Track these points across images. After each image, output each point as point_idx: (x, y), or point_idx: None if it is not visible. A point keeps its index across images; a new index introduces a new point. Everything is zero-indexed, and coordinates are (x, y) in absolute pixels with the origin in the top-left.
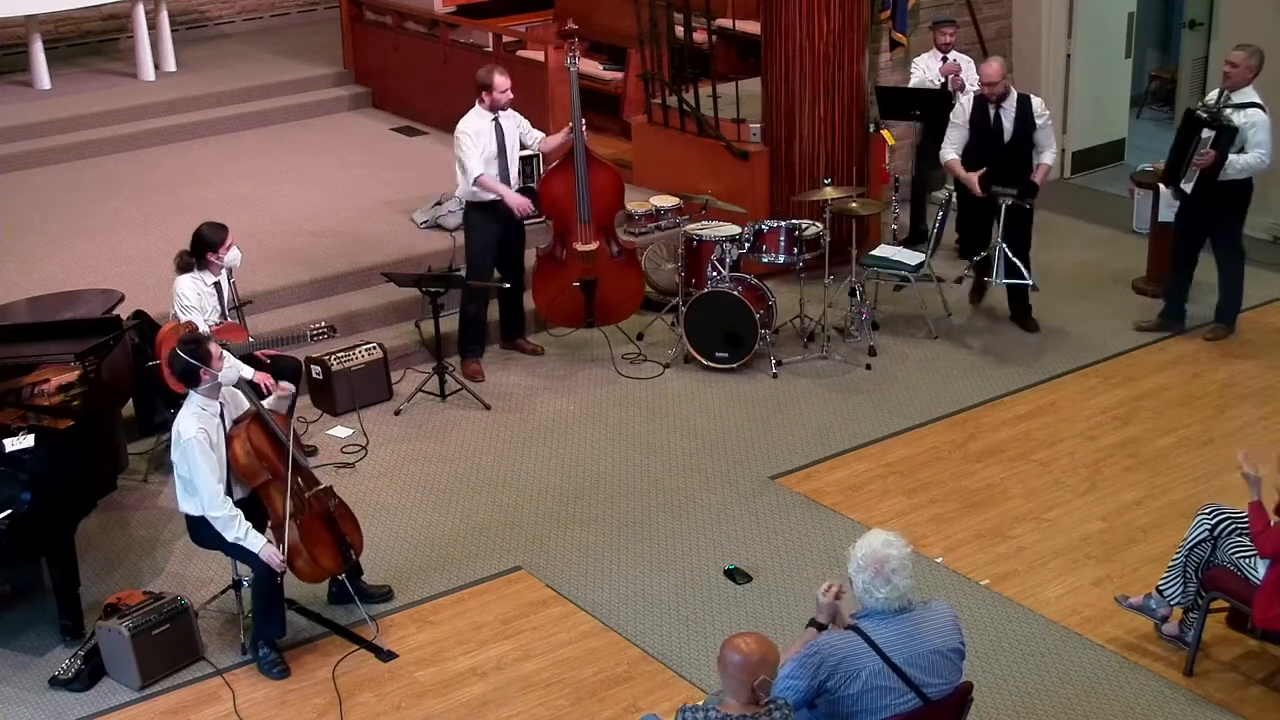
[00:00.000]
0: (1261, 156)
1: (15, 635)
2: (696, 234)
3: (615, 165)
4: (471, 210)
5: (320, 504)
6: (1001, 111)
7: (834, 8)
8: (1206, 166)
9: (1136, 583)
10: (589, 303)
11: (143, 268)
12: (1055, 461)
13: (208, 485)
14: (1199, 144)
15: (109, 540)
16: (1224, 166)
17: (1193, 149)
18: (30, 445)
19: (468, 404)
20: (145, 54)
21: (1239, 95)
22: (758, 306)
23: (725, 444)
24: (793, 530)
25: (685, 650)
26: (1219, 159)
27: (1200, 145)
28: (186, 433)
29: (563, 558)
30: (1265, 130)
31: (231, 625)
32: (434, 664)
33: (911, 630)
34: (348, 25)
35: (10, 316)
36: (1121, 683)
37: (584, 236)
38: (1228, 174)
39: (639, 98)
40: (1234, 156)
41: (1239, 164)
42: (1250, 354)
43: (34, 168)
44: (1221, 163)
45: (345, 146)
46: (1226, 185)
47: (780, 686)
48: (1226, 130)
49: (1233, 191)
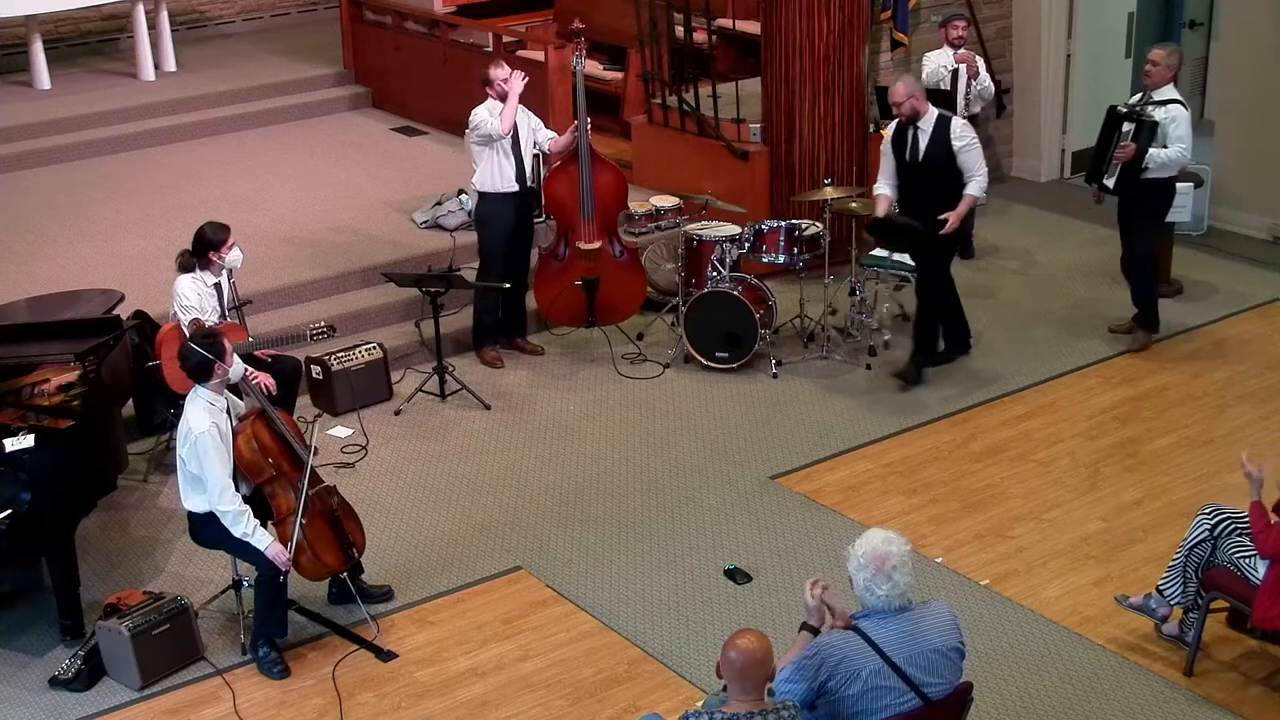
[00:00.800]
0: (1183, 151)
1: (15, 635)
2: (696, 234)
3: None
4: (485, 203)
5: (323, 502)
6: (918, 133)
7: (834, 8)
8: (1127, 159)
9: (1136, 583)
10: (590, 302)
11: (143, 268)
12: (1055, 461)
13: (218, 479)
14: (1119, 138)
15: (109, 540)
16: (1145, 160)
17: (1114, 144)
18: (30, 445)
19: (468, 404)
20: (145, 54)
21: (1160, 94)
22: (758, 306)
23: (725, 444)
24: (793, 530)
25: (685, 650)
26: (1139, 152)
27: (1120, 139)
28: (199, 426)
29: (563, 558)
30: (1185, 125)
31: (231, 625)
32: (434, 664)
33: (911, 630)
34: (348, 25)
35: (10, 316)
36: (1121, 683)
37: (587, 235)
38: (1150, 170)
39: (639, 98)
40: (1155, 150)
41: (1160, 158)
42: (1250, 354)
43: (34, 168)
44: (1142, 156)
45: (345, 146)
46: (1149, 184)
47: (780, 690)
48: (1146, 124)
49: (1155, 190)
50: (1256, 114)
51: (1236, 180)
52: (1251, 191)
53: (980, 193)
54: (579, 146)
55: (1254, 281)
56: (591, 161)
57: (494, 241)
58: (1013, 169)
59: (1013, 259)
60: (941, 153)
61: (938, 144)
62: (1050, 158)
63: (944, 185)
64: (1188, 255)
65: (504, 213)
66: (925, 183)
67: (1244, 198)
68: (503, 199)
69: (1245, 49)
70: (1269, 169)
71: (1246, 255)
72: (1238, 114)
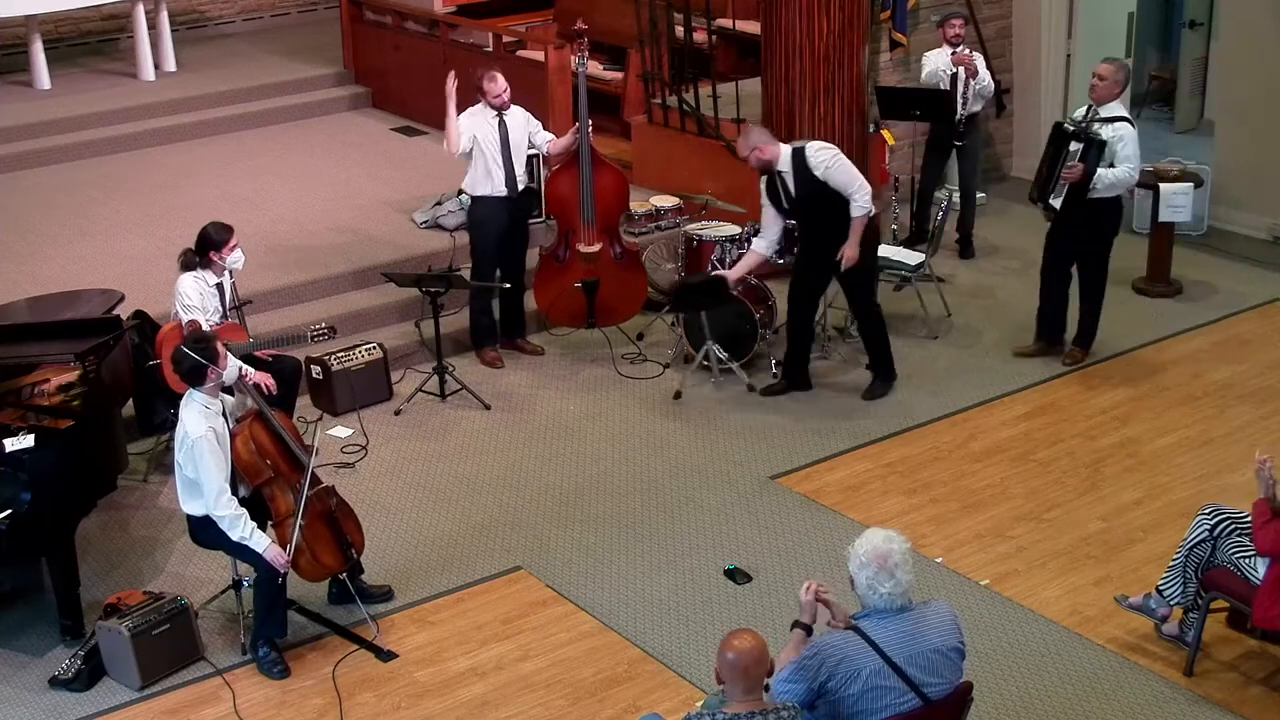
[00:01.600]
0: (1130, 171)
1: (15, 635)
2: (696, 234)
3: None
4: (476, 206)
5: (321, 503)
6: (782, 176)
7: (834, 8)
8: (1075, 180)
9: (1136, 583)
10: (590, 304)
11: (143, 268)
12: (1055, 461)
13: (214, 484)
14: (1066, 157)
15: (109, 540)
16: (1093, 180)
17: (1060, 163)
18: (30, 445)
19: (468, 404)
20: (145, 54)
21: (1106, 110)
22: (758, 307)
23: (725, 444)
24: (793, 530)
25: (685, 650)
26: (1087, 172)
27: (1068, 158)
28: (195, 431)
29: (563, 558)
30: (1133, 144)
31: (231, 625)
32: (434, 664)
33: (911, 629)
34: (348, 25)
35: (10, 316)
36: (1121, 683)
37: (587, 238)
38: (1097, 190)
39: (639, 98)
40: (1102, 171)
41: (1108, 178)
42: (1250, 354)
43: (34, 168)
44: (1090, 177)
45: (345, 146)
46: (1096, 204)
47: (779, 690)
48: (1094, 144)
49: (1102, 210)
50: (1256, 114)
51: (1236, 180)
52: (1251, 191)
53: (863, 212)
54: (580, 149)
55: (1254, 281)
56: (593, 164)
57: (486, 245)
58: (1013, 169)
59: (1013, 259)
60: (811, 186)
61: (803, 179)
62: None
63: (832, 212)
64: (1188, 255)
65: (495, 216)
66: (814, 217)
67: (1244, 198)
68: (495, 202)
69: (1245, 49)
70: (1269, 169)
71: (1246, 255)
72: (1238, 114)
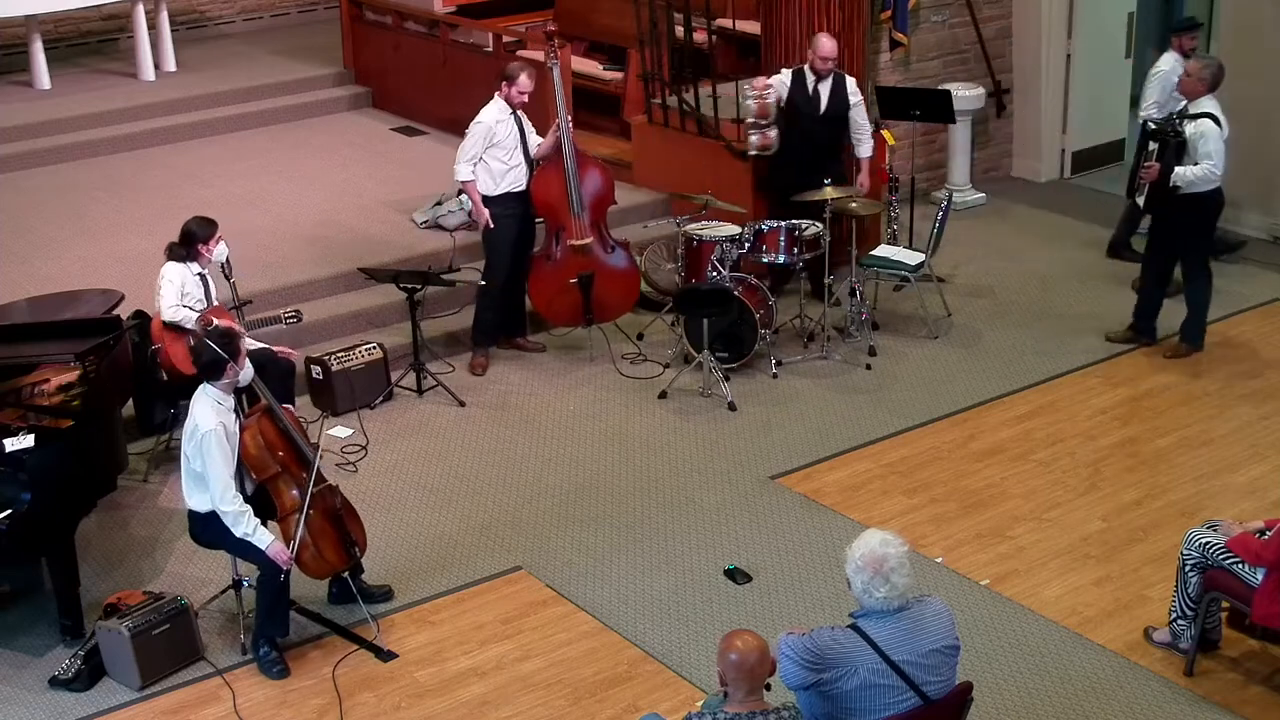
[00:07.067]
0: (1210, 168)
1: (15, 635)
2: (696, 234)
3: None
4: (490, 205)
5: (326, 501)
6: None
7: (834, 8)
8: (1152, 179)
9: (1136, 583)
10: (586, 299)
11: (143, 268)
12: (1055, 461)
13: (221, 478)
14: (1146, 156)
15: (109, 540)
16: (1172, 179)
17: (1139, 161)
18: (30, 445)
19: (469, 405)
20: (145, 54)
21: (1195, 107)
22: (758, 306)
23: (725, 444)
24: (793, 530)
25: (685, 650)
26: (1163, 171)
27: (1146, 158)
28: (205, 424)
29: (563, 558)
30: (1214, 141)
31: (231, 625)
32: (434, 664)
33: (910, 629)
34: (348, 25)
35: (10, 316)
36: (1121, 683)
37: (578, 231)
38: (1182, 189)
39: (639, 98)
40: (1181, 169)
41: (1187, 176)
42: (1250, 354)
43: (34, 168)
44: (1168, 175)
45: (345, 146)
46: (1184, 199)
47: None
48: (1172, 142)
49: (1191, 205)
50: (1257, 114)
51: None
52: (1251, 191)
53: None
54: (562, 142)
55: (1254, 281)
56: (576, 156)
57: (503, 243)
58: (1013, 169)
59: (1013, 259)
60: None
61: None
62: (1050, 158)
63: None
64: None
65: (514, 214)
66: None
67: (1244, 198)
68: (511, 199)
69: (1245, 49)
70: (1269, 169)
71: (1246, 255)
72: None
